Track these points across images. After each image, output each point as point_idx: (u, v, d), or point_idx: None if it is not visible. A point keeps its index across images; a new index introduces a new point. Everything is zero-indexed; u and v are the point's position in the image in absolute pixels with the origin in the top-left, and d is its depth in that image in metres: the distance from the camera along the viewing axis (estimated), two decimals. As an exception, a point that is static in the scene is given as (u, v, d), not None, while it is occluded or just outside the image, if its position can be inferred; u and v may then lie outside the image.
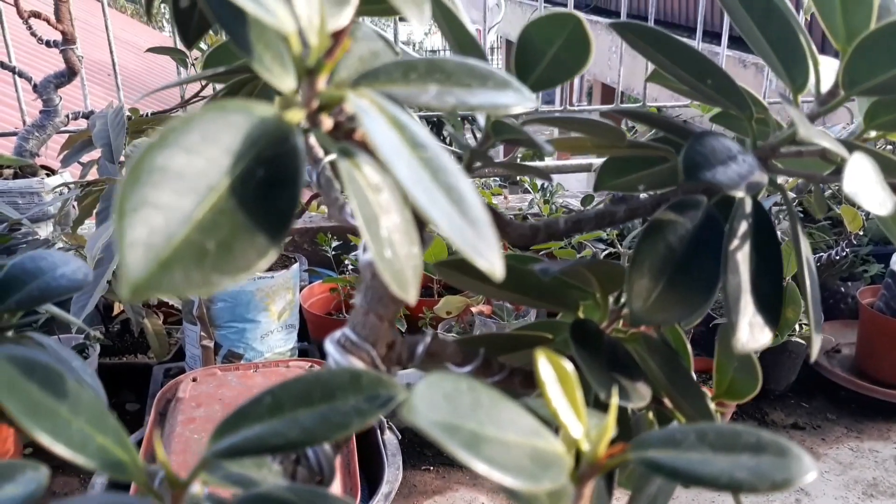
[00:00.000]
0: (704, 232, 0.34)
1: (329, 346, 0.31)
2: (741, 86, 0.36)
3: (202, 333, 1.30)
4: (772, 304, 0.34)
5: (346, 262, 1.67)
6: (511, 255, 0.38)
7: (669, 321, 0.31)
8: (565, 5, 2.26)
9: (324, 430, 0.22)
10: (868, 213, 1.75)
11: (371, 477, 1.04)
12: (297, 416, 0.23)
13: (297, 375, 0.24)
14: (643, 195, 0.38)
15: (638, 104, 2.14)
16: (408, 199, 0.25)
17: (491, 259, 0.21)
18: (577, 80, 2.03)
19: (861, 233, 1.70)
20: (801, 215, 1.82)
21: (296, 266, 1.37)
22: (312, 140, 0.31)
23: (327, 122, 0.26)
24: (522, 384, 0.35)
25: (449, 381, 0.20)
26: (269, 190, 0.20)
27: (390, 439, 1.07)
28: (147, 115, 1.68)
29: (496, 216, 0.36)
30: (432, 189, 0.21)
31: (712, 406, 0.33)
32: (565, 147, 0.41)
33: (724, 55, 2.16)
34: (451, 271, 0.35)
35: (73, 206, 1.61)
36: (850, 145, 0.34)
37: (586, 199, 1.63)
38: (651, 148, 0.38)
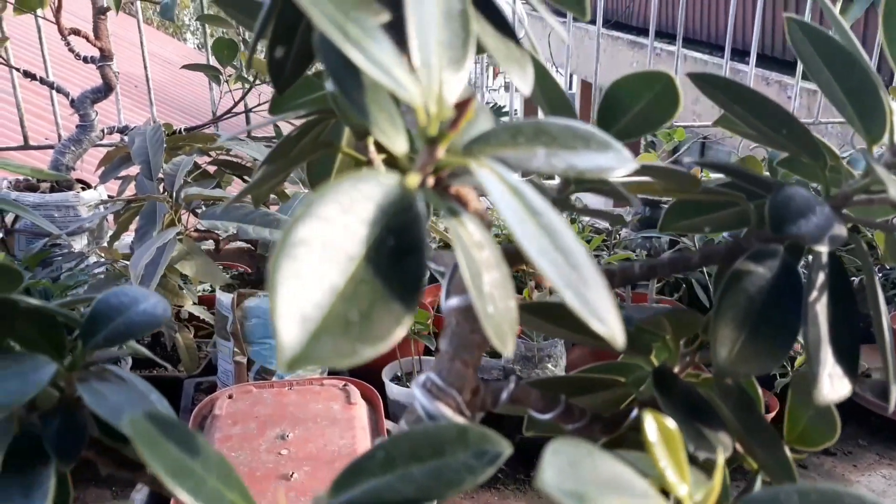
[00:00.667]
0: (782, 282, 0.34)
1: (416, 390, 0.32)
2: (816, 136, 0.37)
3: (236, 349, 1.31)
4: (850, 355, 0.34)
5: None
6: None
7: (754, 372, 0.32)
8: (593, 22, 2.27)
9: (437, 487, 0.23)
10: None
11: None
12: (411, 471, 0.23)
13: (403, 432, 0.25)
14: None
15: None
16: (504, 257, 0.26)
17: (611, 324, 0.21)
18: (594, 92, 2.02)
19: (892, 257, 1.69)
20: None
21: (327, 283, 1.38)
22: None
23: (430, 180, 0.27)
24: (602, 431, 0.35)
25: (570, 448, 0.21)
26: (399, 258, 0.21)
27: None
28: (181, 130, 1.70)
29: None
30: (552, 253, 0.22)
31: (789, 454, 0.34)
32: (633, 190, 0.41)
33: (751, 75, 2.16)
34: (531, 316, 0.35)
35: (106, 220, 1.63)
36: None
37: (615, 220, 1.63)
38: (723, 194, 0.38)
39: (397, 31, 0.24)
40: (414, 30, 0.22)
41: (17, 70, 1.57)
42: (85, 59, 1.62)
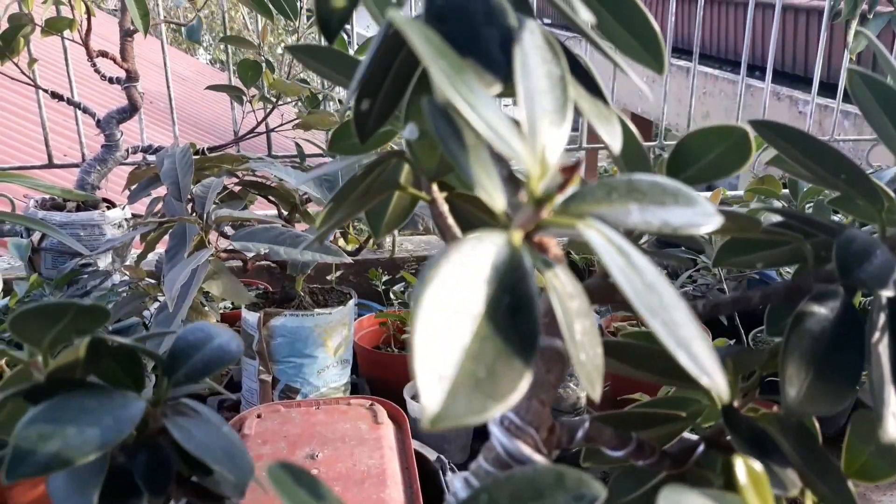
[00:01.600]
0: (844, 323, 0.35)
1: (494, 429, 0.33)
2: (874, 181, 0.38)
3: (261, 367, 1.32)
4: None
5: (392, 296, 1.69)
6: (647, 333, 0.40)
7: (821, 411, 0.33)
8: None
9: (541, 530, 0.24)
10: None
11: (429, 516, 1.05)
12: (513, 514, 0.25)
13: (505, 475, 0.26)
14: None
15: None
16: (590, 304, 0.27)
17: (717, 379, 0.22)
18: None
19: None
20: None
21: (352, 301, 1.39)
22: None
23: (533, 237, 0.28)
24: (671, 466, 0.36)
25: (676, 495, 0.22)
26: (514, 315, 0.22)
27: (452, 480, 1.09)
28: (204, 150, 1.72)
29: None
30: (660, 312, 0.23)
31: (853, 489, 0.35)
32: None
33: (767, 91, 2.17)
34: (609, 358, 0.36)
35: (137, 239, 1.65)
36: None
37: (685, 263, 1.65)
38: (781, 234, 0.40)
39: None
40: (523, 98, 0.24)
41: (46, 91, 1.59)
42: (111, 80, 1.65)
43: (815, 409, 0.33)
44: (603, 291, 0.36)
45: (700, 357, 0.22)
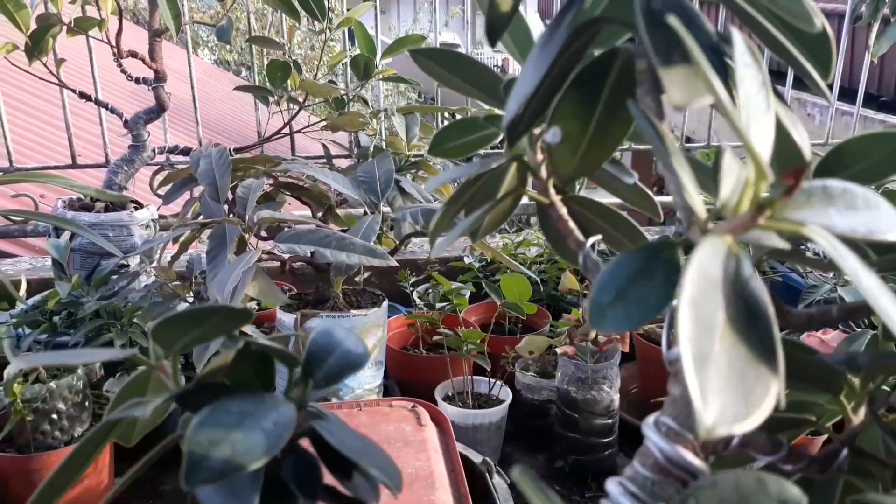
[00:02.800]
0: None
1: (651, 434, 0.33)
2: None
3: (296, 369, 1.32)
4: None
5: (418, 297, 1.69)
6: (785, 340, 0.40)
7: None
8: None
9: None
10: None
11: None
12: (726, 520, 0.25)
13: (709, 481, 0.26)
14: None
15: (702, 144, 2.15)
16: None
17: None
18: None
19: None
20: None
21: (385, 303, 1.39)
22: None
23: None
24: (818, 471, 0.36)
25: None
26: (750, 320, 0.22)
27: (499, 483, 1.08)
28: (231, 150, 1.71)
29: (778, 306, 0.38)
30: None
31: None
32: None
33: (789, 95, 2.18)
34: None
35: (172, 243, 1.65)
36: None
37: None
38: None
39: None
40: (743, 103, 0.24)
41: (73, 91, 1.58)
42: (137, 81, 1.64)
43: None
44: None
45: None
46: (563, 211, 0.43)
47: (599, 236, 0.43)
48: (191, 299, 1.53)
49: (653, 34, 0.23)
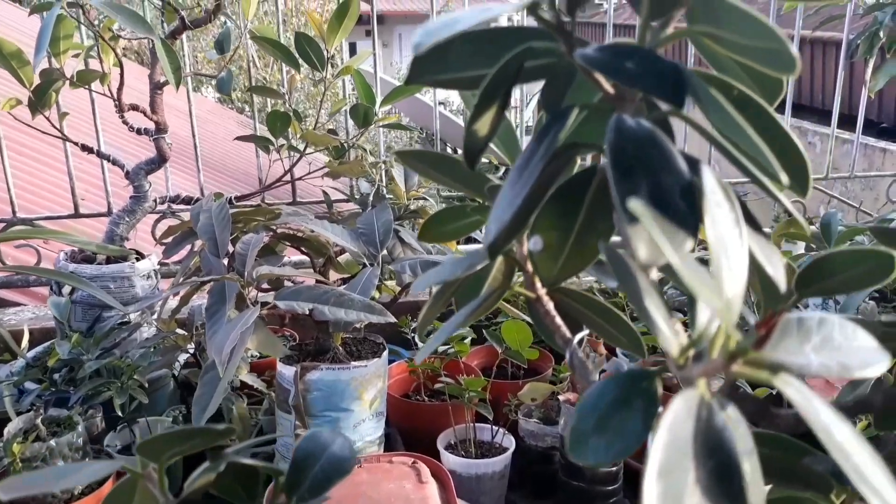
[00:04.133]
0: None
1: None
2: None
3: (297, 422, 1.31)
4: None
5: (419, 341, 1.68)
6: (776, 439, 0.39)
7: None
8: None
9: None
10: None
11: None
12: None
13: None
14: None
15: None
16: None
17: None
18: None
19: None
20: None
21: (386, 353, 1.38)
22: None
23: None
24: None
25: None
26: (721, 478, 0.22)
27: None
28: (231, 198, 1.73)
29: (765, 409, 0.37)
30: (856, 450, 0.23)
31: None
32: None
33: (787, 124, 2.18)
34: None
35: (158, 288, 1.65)
36: None
37: None
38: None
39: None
40: (715, 250, 0.24)
41: (76, 144, 1.60)
42: (139, 132, 1.66)
43: None
44: (761, 415, 0.36)
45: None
46: (550, 306, 0.43)
47: (585, 332, 0.43)
48: (192, 350, 1.53)
49: (620, 185, 0.24)
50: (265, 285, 1.41)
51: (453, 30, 0.23)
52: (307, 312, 1.07)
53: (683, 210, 0.24)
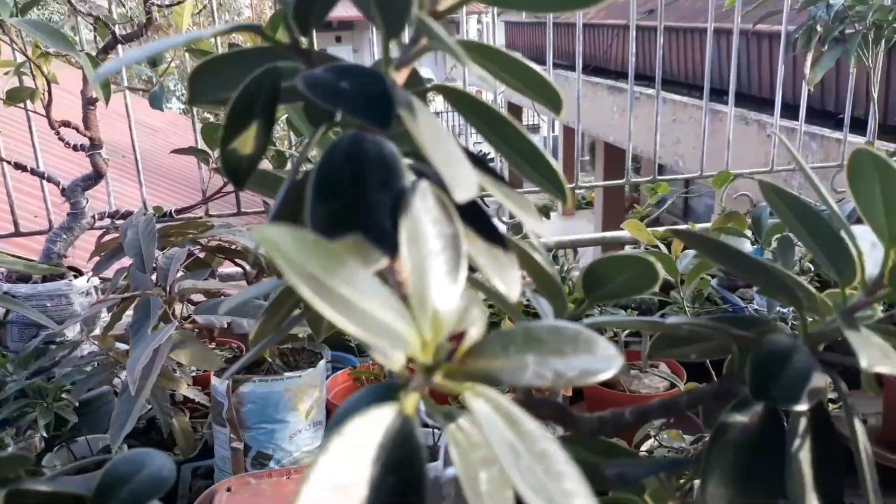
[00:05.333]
0: (767, 432, 0.35)
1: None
2: (791, 277, 0.39)
3: (232, 435, 1.31)
4: (834, 494, 0.35)
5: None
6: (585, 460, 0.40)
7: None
8: (572, 68, 2.32)
9: None
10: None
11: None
12: None
13: None
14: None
15: (675, 176, 2.17)
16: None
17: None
18: (577, 139, 2.04)
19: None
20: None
21: (322, 363, 1.38)
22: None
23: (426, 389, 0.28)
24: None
25: None
26: (401, 495, 0.22)
27: None
28: (171, 212, 1.72)
29: (568, 416, 0.38)
30: (536, 474, 0.23)
31: None
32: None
33: (731, 115, 2.19)
34: None
35: (105, 311, 1.64)
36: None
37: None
38: (710, 329, 0.40)
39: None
40: (410, 269, 0.24)
41: (9, 163, 1.58)
42: (75, 148, 1.65)
43: (738, 527, 0.33)
44: (526, 405, 0.36)
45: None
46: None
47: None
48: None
49: (314, 202, 0.24)
50: (203, 297, 1.40)
51: (142, 56, 0.23)
52: (225, 325, 1.06)
53: (384, 229, 0.24)
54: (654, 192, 2.12)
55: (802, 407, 0.33)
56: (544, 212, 2.71)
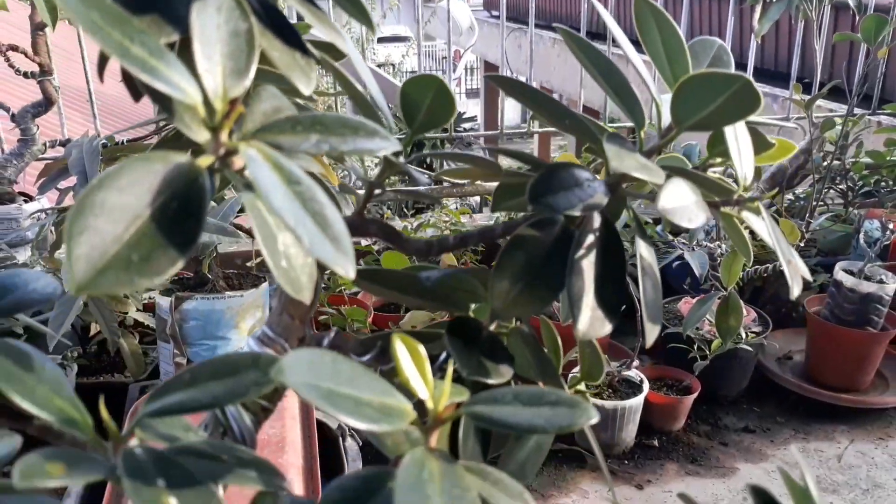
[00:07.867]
0: (559, 244, 0.42)
1: (250, 341, 0.39)
2: (592, 121, 0.44)
3: (175, 351, 1.36)
4: (613, 302, 0.41)
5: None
6: (412, 266, 0.46)
7: (523, 315, 0.39)
8: (551, 29, 2.37)
9: (229, 396, 0.30)
10: (807, 226, 1.85)
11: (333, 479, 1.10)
12: (209, 386, 0.30)
13: (206, 360, 0.31)
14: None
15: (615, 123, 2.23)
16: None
17: (346, 268, 0.28)
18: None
19: (802, 244, 1.80)
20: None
21: (265, 285, 1.44)
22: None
23: (238, 163, 0.34)
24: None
25: (311, 354, 0.28)
26: (181, 217, 0.28)
27: (351, 445, 1.14)
28: (123, 142, 1.74)
29: (395, 234, 0.44)
30: (301, 214, 0.29)
31: (572, 388, 0.41)
32: (458, 176, 0.49)
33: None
34: (366, 282, 0.42)
35: (51, 231, 1.67)
36: (676, 171, 0.43)
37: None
38: (521, 176, 0.46)
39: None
40: (199, 46, 0.29)
41: (-43, 87, 1.60)
42: (25, 75, 1.66)
43: (517, 312, 0.39)
44: (357, 224, 0.42)
45: (336, 254, 0.28)
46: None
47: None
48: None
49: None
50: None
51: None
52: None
53: (179, 12, 0.30)
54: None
55: (577, 213, 0.39)
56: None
